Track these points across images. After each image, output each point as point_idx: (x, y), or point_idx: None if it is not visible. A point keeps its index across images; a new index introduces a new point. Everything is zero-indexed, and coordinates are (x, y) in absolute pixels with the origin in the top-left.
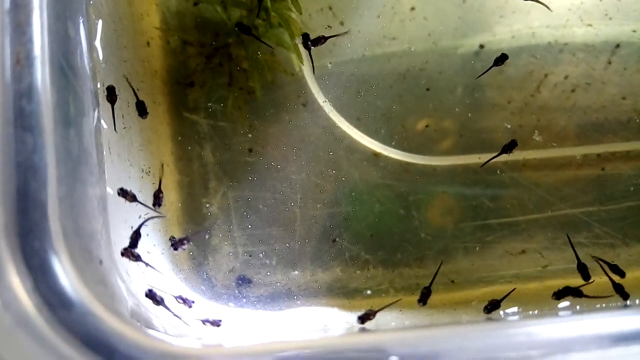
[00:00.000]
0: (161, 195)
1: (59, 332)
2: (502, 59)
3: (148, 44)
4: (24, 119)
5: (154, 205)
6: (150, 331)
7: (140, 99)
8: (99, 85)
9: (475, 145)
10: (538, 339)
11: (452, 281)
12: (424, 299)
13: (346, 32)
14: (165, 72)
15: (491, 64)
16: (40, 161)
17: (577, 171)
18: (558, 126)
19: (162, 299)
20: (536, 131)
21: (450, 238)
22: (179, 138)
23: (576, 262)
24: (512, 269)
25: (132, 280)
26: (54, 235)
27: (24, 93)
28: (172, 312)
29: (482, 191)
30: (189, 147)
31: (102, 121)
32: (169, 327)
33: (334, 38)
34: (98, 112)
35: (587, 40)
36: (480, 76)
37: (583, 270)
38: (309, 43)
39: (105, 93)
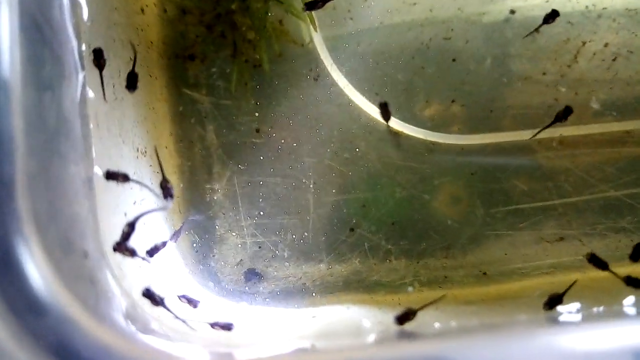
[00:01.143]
0: (169, 185)
1: (25, 345)
2: (552, 15)
3: (142, 10)
4: None
5: (164, 198)
6: (146, 339)
7: (136, 70)
8: (84, 47)
9: (507, 121)
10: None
11: (484, 273)
12: (402, 320)
13: None
14: (162, 44)
15: (524, 30)
16: (3, 127)
17: (620, 149)
18: (599, 99)
19: (162, 299)
20: (593, 97)
21: (480, 225)
22: (179, 117)
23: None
24: (549, 259)
25: (126, 276)
26: (22, 218)
27: None
28: (174, 314)
29: (514, 172)
30: (190, 128)
31: (89, 89)
32: (171, 332)
33: (349, 4)
34: (84, 77)
35: (628, 3)
36: (528, 35)
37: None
38: (304, 7)
39: (92, 56)
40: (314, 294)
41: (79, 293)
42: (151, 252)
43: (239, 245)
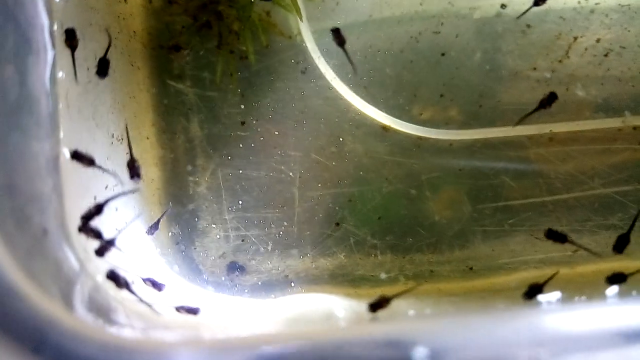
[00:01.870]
0: (136, 164)
1: None
2: None
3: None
4: None
5: (131, 177)
6: (91, 316)
7: (114, 59)
8: (55, 27)
9: (496, 117)
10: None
11: (471, 268)
12: (376, 308)
13: None
14: (147, 34)
15: (526, 9)
16: None
17: (611, 146)
18: (590, 95)
19: (127, 282)
20: (579, 83)
21: (468, 221)
22: (162, 108)
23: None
24: (538, 254)
25: (91, 259)
26: None
27: None
28: (139, 297)
29: (503, 168)
30: (174, 119)
31: (60, 69)
32: (135, 317)
33: None
34: (54, 56)
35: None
36: (520, 17)
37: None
38: None
39: (64, 37)
40: (294, 285)
41: (30, 268)
42: (100, 252)
43: (222, 238)
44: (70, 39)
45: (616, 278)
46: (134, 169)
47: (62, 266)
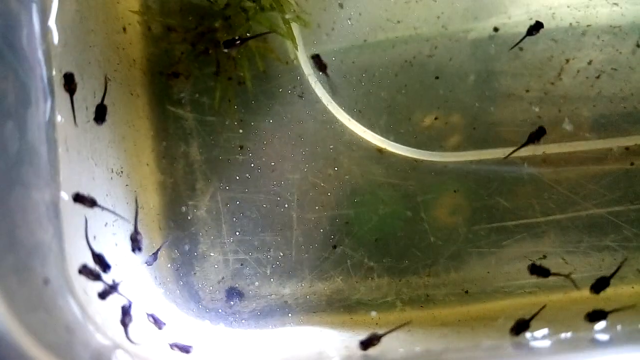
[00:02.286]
0: (139, 237)
1: None
2: (536, 27)
3: (124, 29)
4: None
5: (133, 250)
6: None
7: (114, 91)
8: (54, 72)
9: (490, 139)
10: None
11: (466, 291)
12: (367, 345)
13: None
14: (146, 61)
15: (507, 48)
16: None
17: (603, 166)
18: (582, 117)
19: (110, 289)
20: (567, 118)
21: (463, 242)
22: (162, 134)
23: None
24: (533, 278)
25: (92, 301)
26: None
27: None
28: (125, 312)
29: (497, 190)
30: (173, 144)
31: (58, 113)
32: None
33: (333, 22)
34: (52, 102)
35: (612, 21)
36: (513, 48)
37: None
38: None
39: (63, 81)
40: (293, 314)
41: (34, 324)
42: (103, 295)
43: (221, 262)
44: (69, 82)
45: (596, 315)
46: (136, 242)
47: (63, 314)
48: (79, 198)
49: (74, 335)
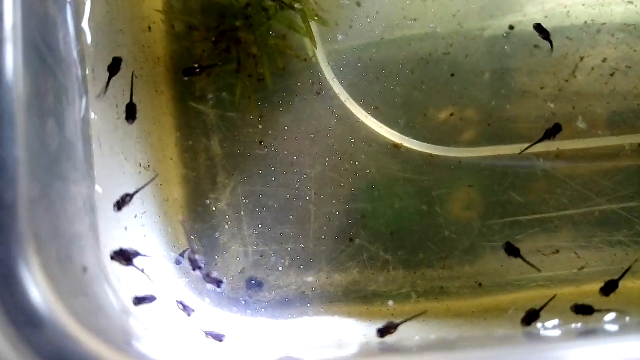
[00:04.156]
0: (195, 256)
1: (24, 356)
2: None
3: (149, 28)
4: None
5: (194, 270)
6: (144, 354)
7: (140, 89)
8: (87, 72)
9: (505, 135)
10: None
11: (480, 284)
12: (384, 333)
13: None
14: (169, 59)
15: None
16: (8, 157)
17: (617, 163)
18: (595, 114)
19: (133, 255)
20: (580, 117)
21: (477, 236)
22: (185, 129)
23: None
24: (546, 271)
25: (122, 288)
26: (23, 242)
27: None
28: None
29: (511, 185)
30: (196, 139)
31: (92, 111)
32: (163, 342)
33: (351, 20)
34: (87, 101)
35: (627, 19)
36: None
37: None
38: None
39: (110, 63)
40: (311, 304)
41: (76, 307)
42: (138, 302)
43: (241, 254)
44: (115, 66)
45: (583, 309)
46: (194, 262)
47: (100, 299)
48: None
49: (110, 320)
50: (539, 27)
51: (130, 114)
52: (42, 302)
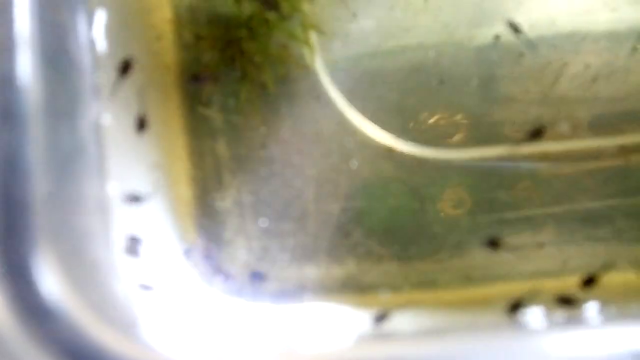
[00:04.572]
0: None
1: (37, 346)
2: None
3: (159, 37)
4: (2, 109)
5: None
6: (147, 342)
7: (152, 94)
8: (100, 77)
9: (491, 138)
10: (564, 350)
11: (468, 277)
12: (378, 320)
13: None
14: (178, 67)
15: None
16: (23, 157)
17: (599, 163)
18: (578, 117)
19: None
20: (563, 121)
21: (466, 232)
22: (192, 132)
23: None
24: (530, 265)
25: (132, 280)
26: (38, 237)
27: (4, 80)
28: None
29: (498, 184)
30: (203, 142)
31: (105, 115)
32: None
33: (347, 30)
34: (99, 104)
35: (610, 27)
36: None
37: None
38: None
39: (121, 65)
40: (310, 295)
41: (88, 300)
42: (144, 289)
43: (245, 248)
44: (126, 68)
45: (565, 300)
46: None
47: (110, 292)
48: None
49: (118, 310)
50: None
51: (142, 124)
52: (57, 294)
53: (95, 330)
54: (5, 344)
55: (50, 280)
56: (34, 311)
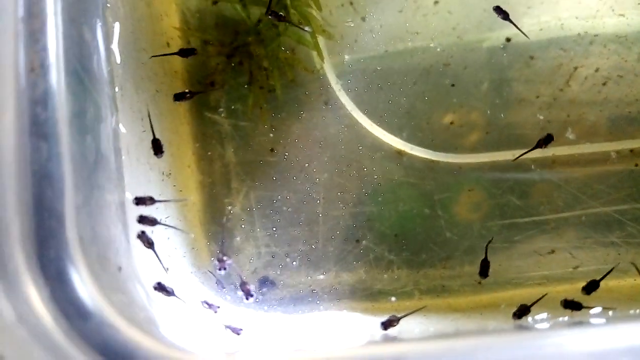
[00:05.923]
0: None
1: (75, 343)
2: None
3: (168, 44)
4: (38, 127)
5: (246, 298)
6: (171, 340)
7: (160, 100)
8: (116, 90)
9: (502, 142)
10: (568, 350)
11: (479, 283)
12: (387, 326)
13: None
14: (186, 72)
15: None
16: (56, 169)
17: (609, 167)
18: (589, 121)
19: (172, 290)
20: (569, 128)
21: (477, 238)
22: (201, 138)
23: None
24: (542, 270)
25: (151, 285)
26: (70, 244)
27: (38, 100)
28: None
29: (509, 189)
30: (211, 147)
31: (121, 125)
32: (188, 332)
33: (356, 34)
34: (117, 116)
35: (618, 30)
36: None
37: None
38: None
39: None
40: (320, 302)
41: (115, 301)
42: (160, 288)
43: (254, 255)
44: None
45: (571, 304)
46: (222, 262)
47: (133, 295)
48: (139, 200)
49: (141, 311)
50: (497, 9)
51: (157, 148)
52: (87, 297)
53: (123, 329)
54: (50, 341)
55: (83, 285)
56: (71, 312)
